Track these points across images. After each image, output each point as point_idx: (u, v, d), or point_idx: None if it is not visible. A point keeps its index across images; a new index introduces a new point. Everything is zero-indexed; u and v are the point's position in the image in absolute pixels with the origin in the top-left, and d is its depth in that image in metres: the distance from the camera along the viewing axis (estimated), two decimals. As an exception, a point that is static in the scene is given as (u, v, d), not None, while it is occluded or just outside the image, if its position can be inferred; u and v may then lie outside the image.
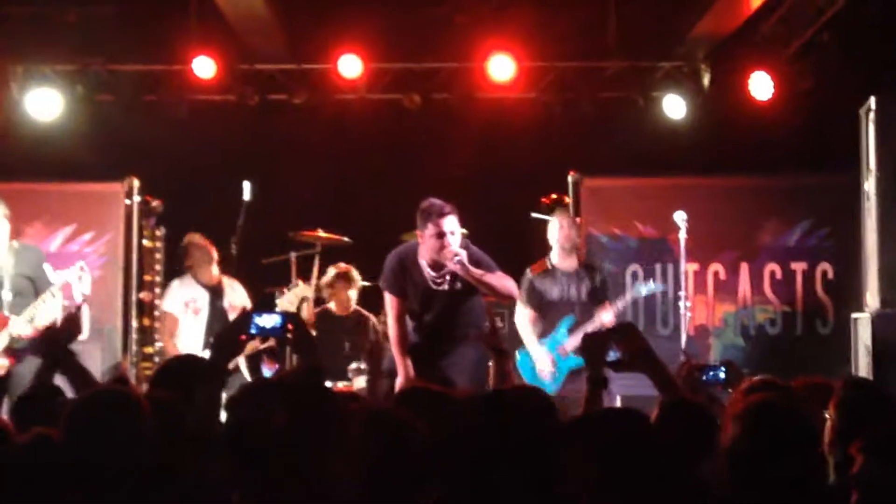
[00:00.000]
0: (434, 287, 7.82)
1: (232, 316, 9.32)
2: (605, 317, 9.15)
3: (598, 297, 9.25)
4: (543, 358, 9.14)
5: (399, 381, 7.68)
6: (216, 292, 9.54)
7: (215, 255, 9.57)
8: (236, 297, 9.57)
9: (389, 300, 7.95)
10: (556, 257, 9.33)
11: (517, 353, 9.29)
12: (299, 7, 10.90)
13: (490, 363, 8.08)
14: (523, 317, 9.32)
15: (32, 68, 11.13)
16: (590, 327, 8.91)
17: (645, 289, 9.80)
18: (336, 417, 3.04)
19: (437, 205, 7.69)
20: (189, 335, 9.43)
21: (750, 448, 3.35)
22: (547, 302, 9.23)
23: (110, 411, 3.64)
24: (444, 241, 7.59)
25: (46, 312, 8.21)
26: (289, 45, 11.14)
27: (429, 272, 7.79)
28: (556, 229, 9.34)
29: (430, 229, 7.64)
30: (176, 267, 9.87)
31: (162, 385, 4.77)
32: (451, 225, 7.65)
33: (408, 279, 7.86)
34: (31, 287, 8.38)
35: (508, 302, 8.64)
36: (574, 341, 8.99)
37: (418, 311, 7.91)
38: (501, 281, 7.76)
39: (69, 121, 11.12)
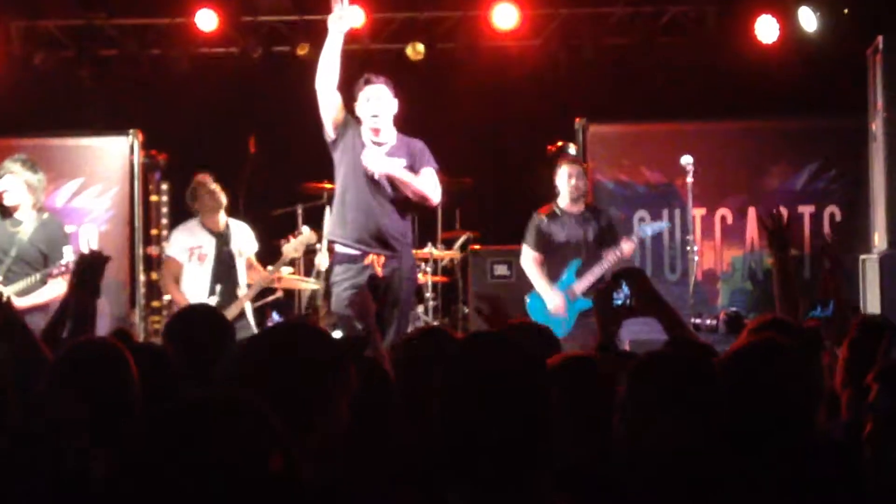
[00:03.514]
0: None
1: (239, 261, 9.21)
2: (625, 247, 9.16)
3: (605, 239, 9.23)
4: (555, 297, 9.13)
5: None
6: (223, 238, 9.32)
7: (224, 200, 9.31)
8: (244, 241, 9.38)
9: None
10: (564, 202, 9.30)
11: (526, 297, 9.31)
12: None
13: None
14: (529, 259, 9.30)
15: (35, 24, 11.09)
16: (597, 269, 8.98)
17: (650, 229, 9.79)
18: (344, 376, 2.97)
19: (367, 74, 7.75)
20: (194, 282, 9.24)
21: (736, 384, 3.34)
22: (555, 245, 9.23)
23: (88, 364, 3.63)
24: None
25: (39, 291, 8.18)
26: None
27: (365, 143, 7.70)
28: (565, 178, 9.29)
29: (358, 97, 7.70)
30: (182, 208, 9.64)
31: (171, 337, 4.81)
32: (377, 92, 7.65)
33: (350, 140, 7.71)
34: (41, 260, 8.30)
35: (424, 205, 7.97)
36: (583, 284, 9.03)
37: (351, 185, 7.69)
38: (423, 183, 7.63)
39: (73, 76, 11.10)
